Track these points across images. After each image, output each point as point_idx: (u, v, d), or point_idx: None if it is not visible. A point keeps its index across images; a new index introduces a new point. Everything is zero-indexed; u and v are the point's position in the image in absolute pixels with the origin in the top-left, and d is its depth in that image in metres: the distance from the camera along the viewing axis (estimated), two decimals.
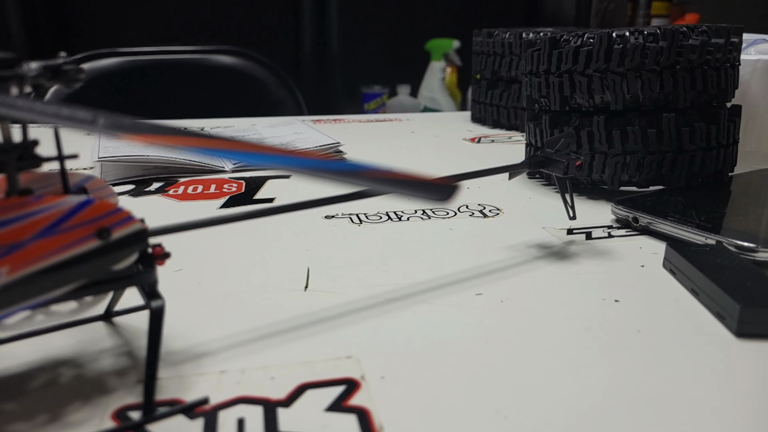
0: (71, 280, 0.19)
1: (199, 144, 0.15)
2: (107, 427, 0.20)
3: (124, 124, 0.15)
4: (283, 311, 0.28)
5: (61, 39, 1.82)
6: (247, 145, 0.15)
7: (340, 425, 0.20)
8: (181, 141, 0.15)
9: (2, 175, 0.21)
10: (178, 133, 0.15)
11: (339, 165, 0.14)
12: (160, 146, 0.15)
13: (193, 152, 0.15)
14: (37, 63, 0.20)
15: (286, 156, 0.14)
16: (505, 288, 0.30)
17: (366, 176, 0.13)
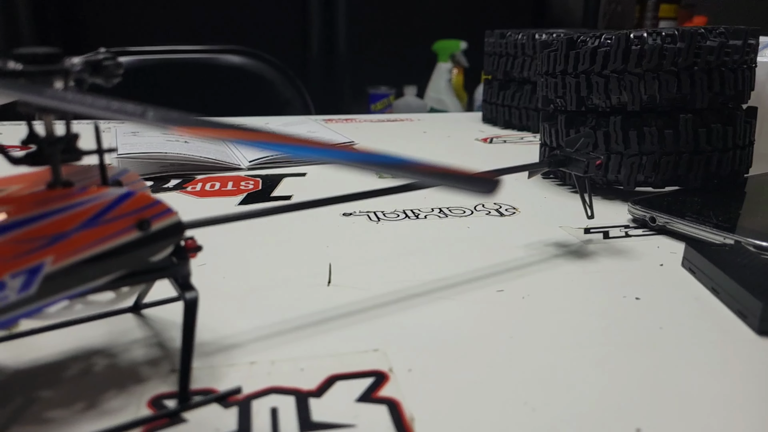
0: (112, 271, 0.20)
1: (248, 137, 0.15)
2: (144, 414, 0.20)
3: (173, 118, 0.16)
4: (307, 305, 0.28)
5: (70, 38, 1.83)
6: (295, 139, 0.15)
7: (372, 415, 0.20)
8: (228, 134, 0.15)
9: (43, 168, 0.21)
10: (225, 127, 0.16)
11: (388, 158, 0.14)
12: (208, 138, 0.15)
13: (241, 145, 0.15)
14: (79, 58, 0.20)
15: (335, 150, 0.14)
16: (525, 285, 0.31)
17: (414, 169, 0.14)
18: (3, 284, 0.18)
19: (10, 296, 0.18)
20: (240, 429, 0.20)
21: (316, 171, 0.54)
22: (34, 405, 0.21)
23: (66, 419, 0.20)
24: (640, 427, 0.20)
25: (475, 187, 0.13)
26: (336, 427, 0.20)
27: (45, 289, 0.18)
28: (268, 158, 0.54)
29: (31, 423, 0.20)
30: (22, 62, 0.19)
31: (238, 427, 0.20)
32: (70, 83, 0.19)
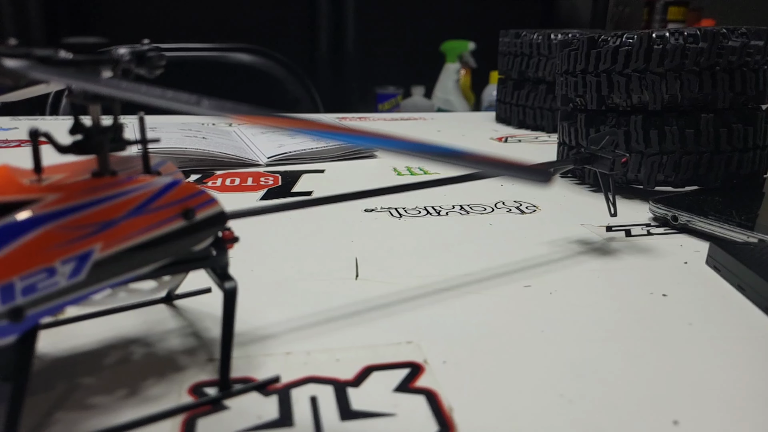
0: (158, 259, 0.20)
1: (302, 126, 0.16)
2: (185, 401, 0.21)
3: (228, 106, 0.16)
4: (337, 298, 0.29)
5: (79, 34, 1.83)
6: (349, 129, 0.16)
7: (411, 405, 0.21)
8: (283, 123, 0.16)
9: (84, 157, 0.21)
10: (279, 116, 0.16)
11: (446, 148, 0.14)
12: (263, 126, 0.16)
13: (295, 133, 0.16)
14: (125, 48, 0.20)
15: (392, 139, 0.15)
16: (552, 281, 0.31)
17: (472, 159, 0.14)
18: (53, 270, 0.18)
19: (60, 282, 0.18)
20: (281, 417, 0.20)
21: (334, 167, 0.54)
22: (76, 391, 0.21)
23: (108, 406, 0.20)
24: (677, 419, 0.20)
25: (531, 177, 0.14)
26: (376, 416, 0.20)
27: (94, 275, 0.19)
28: (286, 154, 0.55)
29: (74, 409, 0.20)
30: (71, 51, 0.19)
31: (279, 415, 0.20)
32: (118, 73, 0.20)
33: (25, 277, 0.18)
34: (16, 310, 0.18)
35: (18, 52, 0.18)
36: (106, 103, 0.20)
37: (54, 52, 0.19)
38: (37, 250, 0.18)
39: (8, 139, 0.65)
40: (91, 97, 0.20)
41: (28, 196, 0.18)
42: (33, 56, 0.18)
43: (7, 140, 0.64)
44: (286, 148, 0.56)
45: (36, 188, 0.18)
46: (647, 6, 2.18)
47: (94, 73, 0.19)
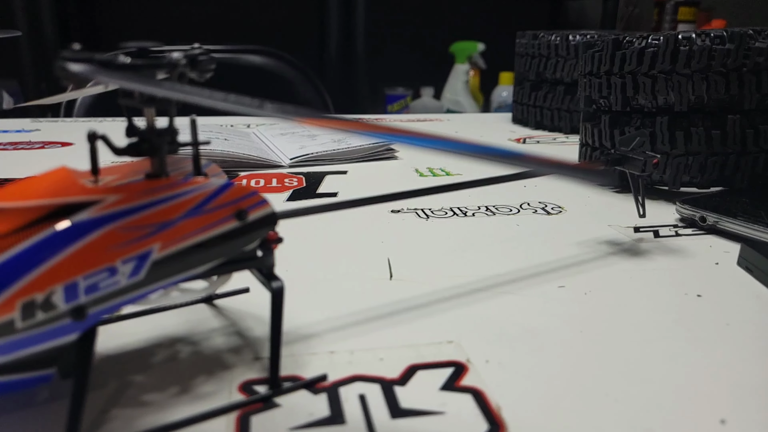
0: (212, 259, 0.20)
1: (365, 129, 0.16)
2: (236, 398, 0.21)
3: (289, 109, 0.16)
4: (374, 298, 0.29)
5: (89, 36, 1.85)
6: (412, 131, 0.16)
7: (458, 404, 0.21)
8: (346, 125, 0.16)
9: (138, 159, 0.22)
10: (336, 119, 0.16)
11: (507, 151, 0.14)
12: (325, 129, 0.16)
13: (360, 136, 0.16)
14: (178, 53, 0.21)
15: (455, 141, 0.15)
16: (585, 281, 0.31)
17: (532, 161, 0.14)
18: (115, 270, 0.18)
19: (120, 281, 0.19)
20: (332, 414, 0.20)
21: (356, 168, 0.55)
22: (129, 389, 0.22)
23: (162, 403, 0.21)
24: (725, 419, 0.20)
25: (593, 178, 0.14)
26: (425, 414, 0.20)
27: (152, 275, 0.19)
28: (308, 156, 0.55)
29: (129, 406, 0.21)
30: (130, 56, 0.19)
31: (330, 413, 0.20)
32: (174, 76, 0.20)
33: (88, 276, 0.18)
34: (79, 309, 0.18)
35: (81, 57, 0.18)
36: (162, 106, 0.20)
37: (114, 56, 0.19)
38: (99, 250, 0.18)
39: (32, 140, 0.65)
40: (147, 100, 0.20)
41: (90, 197, 0.19)
42: (95, 60, 0.18)
43: (30, 142, 0.64)
44: (308, 149, 0.57)
45: (97, 189, 0.19)
46: (657, 6, 2.17)
47: (151, 76, 0.20)
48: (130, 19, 1.84)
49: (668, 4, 2.13)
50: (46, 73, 1.66)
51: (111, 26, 1.85)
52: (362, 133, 0.16)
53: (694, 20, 2.10)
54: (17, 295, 0.17)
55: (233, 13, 1.89)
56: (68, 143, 0.64)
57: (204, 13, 1.86)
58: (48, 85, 1.68)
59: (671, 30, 2.10)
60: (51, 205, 0.18)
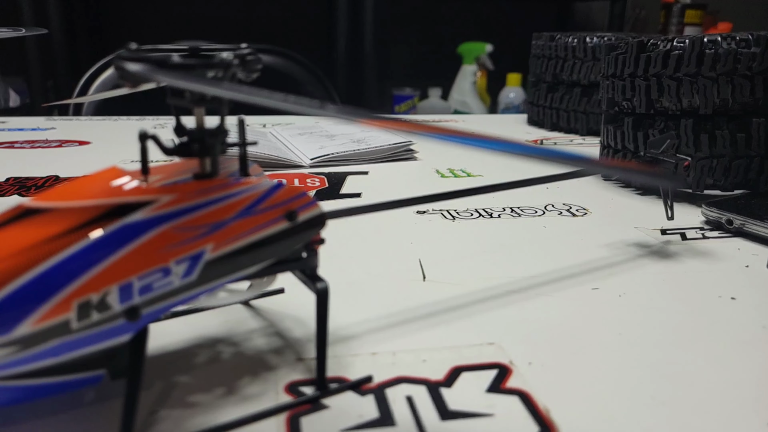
0: (263, 259, 0.20)
1: (426, 131, 0.16)
2: (283, 400, 0.21)
3: (349, 110, 0.16)
4: (410, 299, 0.29)
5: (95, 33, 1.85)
6: (476, 134, 0.16)
7: (506, 406, 0.21)
8: (407, 126, 0.16)
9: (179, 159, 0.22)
10: (400, 121, 0.16)
11: (576, 154, 0.14)
12: (387, 130, 0.16)
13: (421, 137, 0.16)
14: (228, 52, 0.21)
15: (521, 145, 0.15)
16: (618, 283, 0.31)
17: (602, 165, 0.14)
18: (168, 270, 0.18)
19: (174, 282, 0.19)
20: (382, 416, 0.20)
21: (376, 169, 0.55)
22: (175, 390, 0.22)
23: (210, 404, 0.21)
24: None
25: (665, 181, 0.14)
26: (474, 416, 0.20)
27: (205, 275, 0.19)
28: (328, 156, 0.55)
29: (177, 407, 0.21)
30: (183, 55, 0.19)
31: (379, 414, 0.20)
32: (227, 76, 0.20)
33: (143, 276, 0.18)
34: (133, 310, 0.18)
35: (138, 56, 0.18)
36: (212, 106, 0.20)
37: (167, 55, 0.19)
38: (153, 250, 0.18)
39: (48, 139, 0.65)
40: (197, 100, 0.20)
41: (145, 197, 0.19)
42: (151, 60, 0.18)
43: (47, 140, 0.64)
44: (328, 149, 0.57)
45: (151, 189, 0.19)
46: (664, 9, 2.17)
47: (202, 75, 0.20)
48: (136, 17, 1.84)
49: (675, 7, 2.13)
50: (52, 71, 1.66)
51: (117, 24, 1.85)
52: (423, 135, 0.16)
53: (701, 23, 2.10)
54: (73, 295, 0.17)
55: (241, 12, 1.89)
56: (85, 142, 0.64)
57: (212, 12, 1.87)
58: (55, 82, 1.69)
59: (678, 32, 2.10)
60: (106, 205, 0.18)
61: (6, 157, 0.58)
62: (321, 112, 0.16)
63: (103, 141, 0.65)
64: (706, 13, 2.12)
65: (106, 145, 0.63)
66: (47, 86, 1.68)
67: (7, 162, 0.56)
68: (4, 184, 0.47)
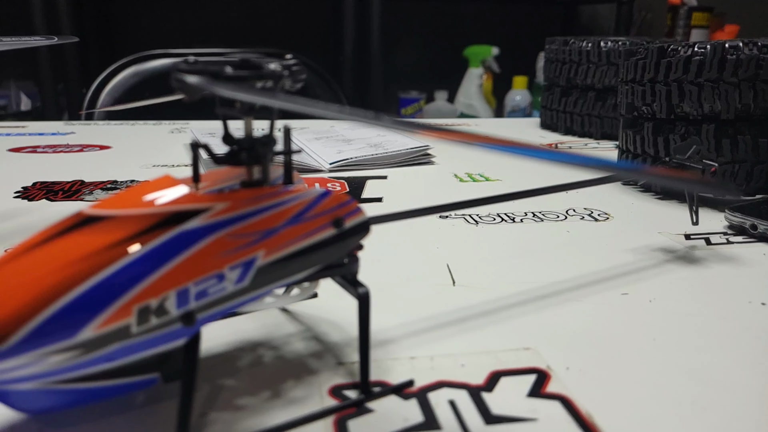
0: (312, 265, 0.21)
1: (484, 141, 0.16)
2: (327, 403, 0.21)
3: (404, 122, 0.17)
4: (442, 303, 0.29)
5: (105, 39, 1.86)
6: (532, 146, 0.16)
7: (549, 411, 0.21)
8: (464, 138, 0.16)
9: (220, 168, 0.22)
10: (460, 133, 0.17)
11: (629, 164, 0.15)
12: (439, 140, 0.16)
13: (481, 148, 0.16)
14: (275, 63, 0.21)
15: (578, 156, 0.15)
16: (647, 288, 0.31)
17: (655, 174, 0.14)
18: (222, 276, 0.19)
19: (227, 288, 0.19)
20: (427, 420, 0.21)
21: (395, 173, 0.55)
22: (222, 393, 0.22)
23: (257, 407, 0.21)
24: None
25: (719, 191, 0.14)
26: (518, 421, 0.21)
27: (256, 281, 0.20)
28: (347, 160, 0.56)
29: (225, 410, 0.21)
30: (235, 67, 0.20)
31: (424, 418, 0.21)
32: (278, 86, 0.20)
33: (199, 282, 0.19)
34: (189, 315, 0.19)
35: (196, 69, 0.19)
36: (262, 116, 0.21)
37: (221, 68, 0.20)
38: (209, 256, 0.19)
39: (69, 143, 0.66)
40: (247, 110, 0.21)
41: (200, 205, 0.19)
42: (207, 72, 0.19)
43: (68, 144, 0.65)
44: (346, 154, 0.57)
45: (206, 198, 0.19)
46: (670, 11, 2.17)
47: (251, 86, 0.20)
48: (145, 23, 1.85)
49: (682, 10, 2.13)
50: (63, 75, 1.67)
51: (125, 29, 1.87)
52: (480, 145, 0.16)
53: (708, 25, 2.10)
54: (134, 300, 0.18)
55: (249, 17, 1.90)
56: (106, 146, 0.64)
57: (220, 18, 1.88)
58: (66, 86, 1.70)
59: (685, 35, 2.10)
60: (164, 213, 0.19)
61: (30, 162, 0.58)
62: (377, 123, 0.17)
63: (123, 145, 0.66)
64: (713, 15, 2.12)
65: (127, 150, 0.64)
66: (58, 89, 1.69)
67: (31, 166, 0.56)
68: (32, 189, 0.48)
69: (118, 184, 0.49)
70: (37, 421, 0.20)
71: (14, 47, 0.36)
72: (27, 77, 1.79)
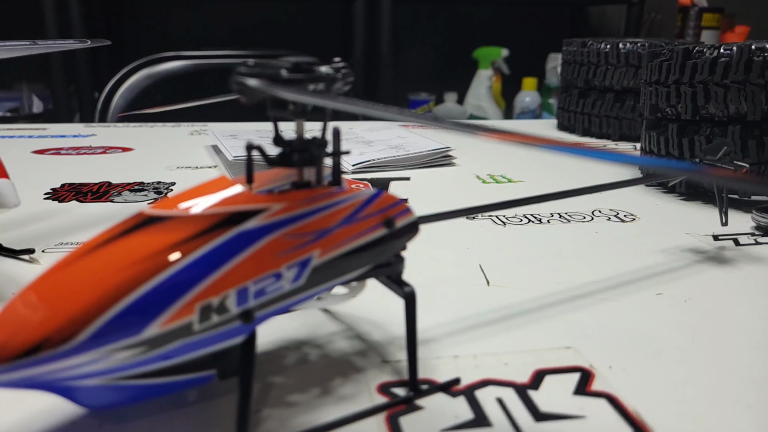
0: (364, 265, 0.21)
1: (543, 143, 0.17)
2: (378, 400, 0.22)
3: (464, 124, 0.17)
4: (478, 303, 0.30)
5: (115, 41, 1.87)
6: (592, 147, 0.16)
7: (596, 408, 0.21)
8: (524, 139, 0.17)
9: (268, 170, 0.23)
10: (509, 134, 0.17)
11: (685, 164, 0.15)
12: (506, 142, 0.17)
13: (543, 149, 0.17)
14: (325, 66, 0.22)
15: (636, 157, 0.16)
16: (682, 289, 0.31)
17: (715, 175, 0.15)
18: (280, 275, 0.19)
19: (284, 286, 0.19)
20: (477, 417, 0.21)
21: (417, 175, 0.55)
22: (272, 390, 0.22)
23: (308, 404, 0.22)
24: None
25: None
26: (567, 418, 0.21)
27: (311, 280, 0.20)
28: (369, 162, 0.56)
29: (278, 406, 0.21)
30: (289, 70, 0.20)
31: (474, 415, 0.21)
32: (332, 89, 0.21)
33: (257, 281, 0.19)
34: (248, 313, 0.19)
35: (255, 72, 0.19)
36: (314, 119, 0.21)
37: (277, 71, 0.20)
38: (267, 256, 0.19)
39: (92, 145, 0.67)
40: (300, 113, 0.21)
41: (257, 205, 0.19)
42: (265, 76, 0.19)
43: (91, 146, 0.66)
44: (368, 155, 0.57)
45: (263, 198, 0.20)
46: (680, 12, 2.17)
47: (305, 89, 0.21)
48: (154, 25, 1.87)
49: (692, 11, 2.13)
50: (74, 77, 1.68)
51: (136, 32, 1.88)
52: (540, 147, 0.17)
53: (718, 26, 2.09)
54: (197, 298, 0.18)
55: (259, 19, 1.91)
56: (128, 148, 0.65)
57: (229, 20, 1.89)
58: (77, 88, 1.71)
59: (695, 36, 2.09)
60: (223, 213, 0.19)
61: (56, 164, 0.59)
62: (438, 125, 0.17)
63: (145, 147, 0.66)
64: (724, 16, 2.12)
65: (149, 152, 0.65)
66: (69, 92, 1.70)
67: (57, 168, 0.57)
68: (60, 190, 0.48)
69: (145, 186, 0.50)
70: (97, 417, 0.20)
71: (50, 50, 0.36)
72: (38, 80, 1.80)
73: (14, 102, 1.81)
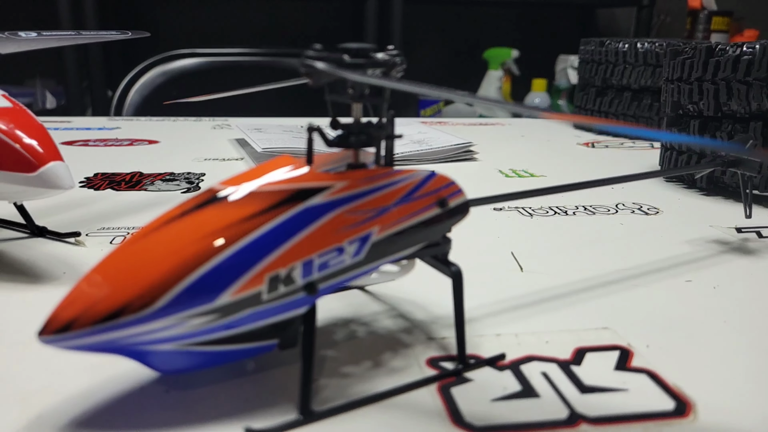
0: (418, 242, 0.22)
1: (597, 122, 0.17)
2: (427, 373, 0.23)
3: (525, 106, 0.18)
4: (514, 288, 0.31)
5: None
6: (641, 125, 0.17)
7: (638, 383, 0.22)
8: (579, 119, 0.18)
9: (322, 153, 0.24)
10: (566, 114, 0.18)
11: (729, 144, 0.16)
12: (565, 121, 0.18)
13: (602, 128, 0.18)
14: (381, 53, 0.23)
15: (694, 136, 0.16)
16: (710, 276, 0.32)
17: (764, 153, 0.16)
18: (342, 249, 0.20)
19: (345, 261, 0.20)
20: (524, 388, 0.22)
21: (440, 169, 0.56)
22: (326, 362, 0.23)
23: (362, 375, 0.23)
24: None
25: None
26: (611, 391, 0.22)
27: (370, 255, 0.21)
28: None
29: (333, 377, 0.22)
30: (350, 55, 0.21)
31: (521, 387, 0.22)
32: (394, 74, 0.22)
33: (322, 254, 0.20)
34: (312, 285, 0.20)
35: (322, 56, 0.20)
36: (371, 102, 0.22)
37: (339, 56, 0.21)
38: (330, 231, 0.20)
39: (118, 138, 0.68)
40: (358, 97, 0.22)
41: (322, 183, 0.20)
42: (331, 60, 0.20)
43: (117, 139, 0.67)
44: None
45: (326, 176, 0.21)
46: (690, 16, 2.17)
47: (363, 73, 0.22)
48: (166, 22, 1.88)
49: (701, 14, 2.13)
50: (87, 73, 1.70)
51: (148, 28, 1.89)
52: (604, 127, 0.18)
53: (728, 30, 2.10)
54: (266, 269, 0.19)
55: (271, 18, 1.92)
56: (154, 141, 0.66)
57: (241, 18, 1.90)
58: (90, 84, 1.72)
59: (704, 39, 2.10)
60: (290, 189, 0.20)
61: (86, 155, 0.60)
62: (507, 107, 0.18)
63: (170, 140, 0.68)
64: (733, 20, 2.13)
65: (175, 144, 0.66)
66: (83, 87, 1.72)
67: (89, 159, 0.58)
68: (94, 179, 0.50)
69: (175, 176, 0.51)
70: (163, 382, 0.22)
71: (93, 41, 0.38)
72: (51, 75, 1.82)
73: (27, 98, 1.83)
